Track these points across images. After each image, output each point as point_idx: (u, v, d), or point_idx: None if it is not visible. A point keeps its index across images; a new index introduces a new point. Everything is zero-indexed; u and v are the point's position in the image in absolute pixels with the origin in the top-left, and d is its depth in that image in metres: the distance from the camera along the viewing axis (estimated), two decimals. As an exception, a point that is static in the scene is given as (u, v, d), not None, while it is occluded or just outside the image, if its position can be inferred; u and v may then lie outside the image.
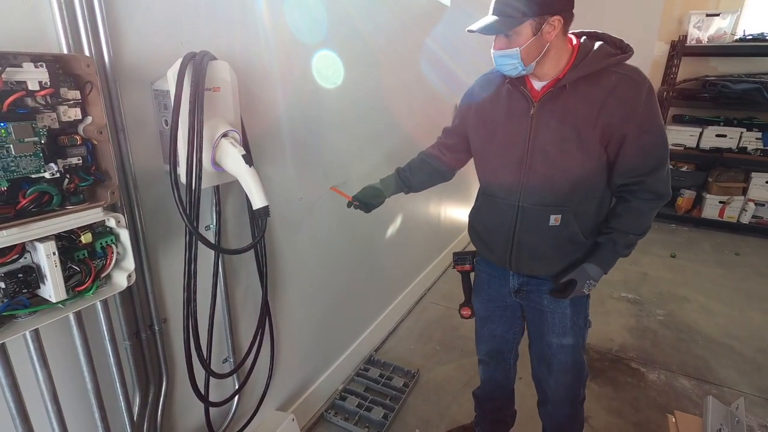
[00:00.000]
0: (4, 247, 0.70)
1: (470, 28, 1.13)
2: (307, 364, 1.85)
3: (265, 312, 1.34)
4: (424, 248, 2.93)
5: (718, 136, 4.11)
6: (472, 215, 1.43)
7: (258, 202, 1.04)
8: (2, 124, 0.66)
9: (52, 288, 0.75)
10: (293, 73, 1.43)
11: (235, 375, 1.35)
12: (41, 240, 0.74)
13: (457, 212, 3.45)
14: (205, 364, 1.12)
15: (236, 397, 1.37)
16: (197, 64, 0.96)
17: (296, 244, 1.61)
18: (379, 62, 1.93)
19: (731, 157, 4.09)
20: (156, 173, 1.06)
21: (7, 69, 0.66)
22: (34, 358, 0.80)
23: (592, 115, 1.11)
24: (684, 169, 4.38)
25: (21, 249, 0.73)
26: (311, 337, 1.83)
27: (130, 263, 0.88)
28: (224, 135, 1.04)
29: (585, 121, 1.12)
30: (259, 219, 1.04)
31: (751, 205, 4.12)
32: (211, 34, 1.12)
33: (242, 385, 1.34)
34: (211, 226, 1.17)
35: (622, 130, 1.11)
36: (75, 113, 0.79)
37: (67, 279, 0.79)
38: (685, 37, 4.07)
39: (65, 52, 0.82)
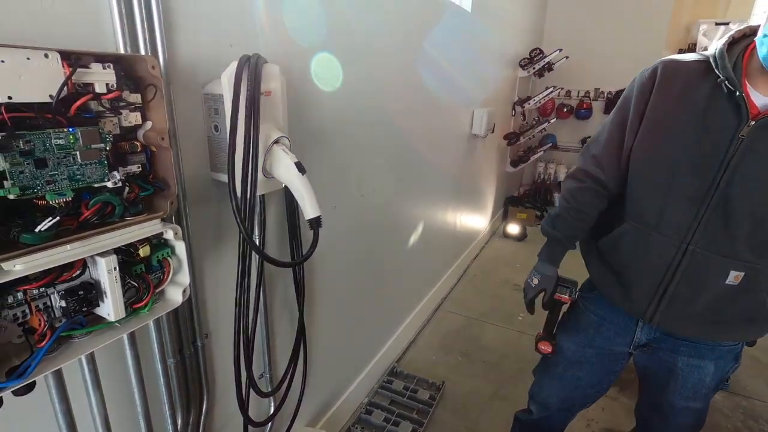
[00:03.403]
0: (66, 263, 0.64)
1: None
2: (335, 377, 1.79)
3: (302, 332, 1.28)
4: (441, 256, 2.89)
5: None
6: (604, 244, 1.13)
7: (311, 212, 0.99)
8: (71, 129, 0.61)
9: (112, 306, 0.70)
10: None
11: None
12: (102, 254, 0.68)
13: (472, 219, 3.42)
14: (254, 383, 1.07)
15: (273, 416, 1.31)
16: (253, 67, 0.91)
17: (327, 254, 1.56)
18: (404, 68, 1.89)
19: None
20: (202, 181, 1.01)
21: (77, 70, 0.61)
22: (88, 380, 0.75)
23: None
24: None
25: (82, 264, 0.68)
26: (339, 349, 1.77)
27: (185, 277, 0.83)
28: (276, 141, 0.99)
29: None
30: (312, 229, 0.99)
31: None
32: (256, 36, 1.08)
33: (281, 404, 1.28)
34: (256, 235, 1.12)
35: None
36: (135, 118, 0.73)
37: (123, 296, 0.74)
38: (695, 45, 4.09)
39: (124, 52, 0.77)
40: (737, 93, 0.88)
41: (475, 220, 3.54)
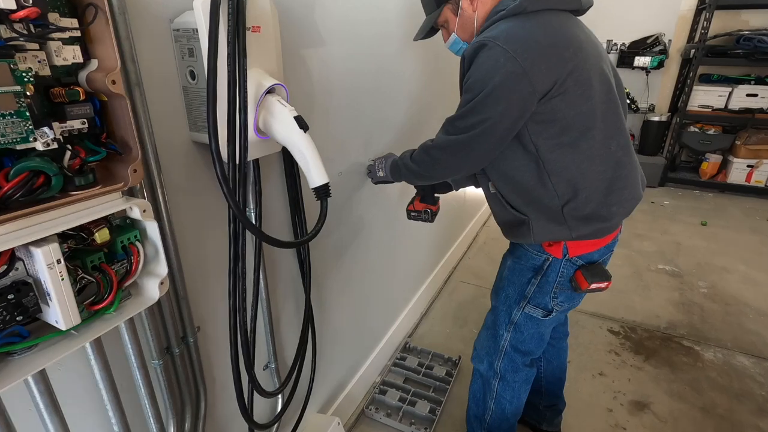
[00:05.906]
0: (-18, 258, 0.46)
1: (414, 38, 1.20)
2: (345, 357, 1.65)
3: (309, 317, 1.12)
4: (451, 222, 2.71)
5: (749, 95, 3.86)
6: None
7: (317, 179, 0.80)
8: (-39, 63, 0.41)
9: (59, 310, 0.52)
10: (332, 27, 1.16)
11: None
12: (38, 243, 0.50)
13: (481, 184, 3.22)
14: (258, 386, 0.90)
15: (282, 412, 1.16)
16: (234, -10, 0.69)
17: (333, 226, 1.38)
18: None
19: (763, 117, 3.86)
20: (180, 144, 0.81)
21: (-39, -31, 0.40)
22: (41, 405, 0.58)
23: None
24: (711, 132, 4.15)
25: (9, 257, 0.49)
26: (348, 327, 1.62)
27: (161, 267, 0.65)
28: (269, 91, 0.79)
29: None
30: (319, 199, 0.80)
31: (781, 168, 3.93)
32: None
33: (289, 400, 1.13)
34: (251, 210, 0.93)
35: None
36: (73, 53, 0.53)
37: (79, 294, 0.56)
38: (711, -8, 3.76)
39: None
40: None
41: (484, 184, 3.35)
